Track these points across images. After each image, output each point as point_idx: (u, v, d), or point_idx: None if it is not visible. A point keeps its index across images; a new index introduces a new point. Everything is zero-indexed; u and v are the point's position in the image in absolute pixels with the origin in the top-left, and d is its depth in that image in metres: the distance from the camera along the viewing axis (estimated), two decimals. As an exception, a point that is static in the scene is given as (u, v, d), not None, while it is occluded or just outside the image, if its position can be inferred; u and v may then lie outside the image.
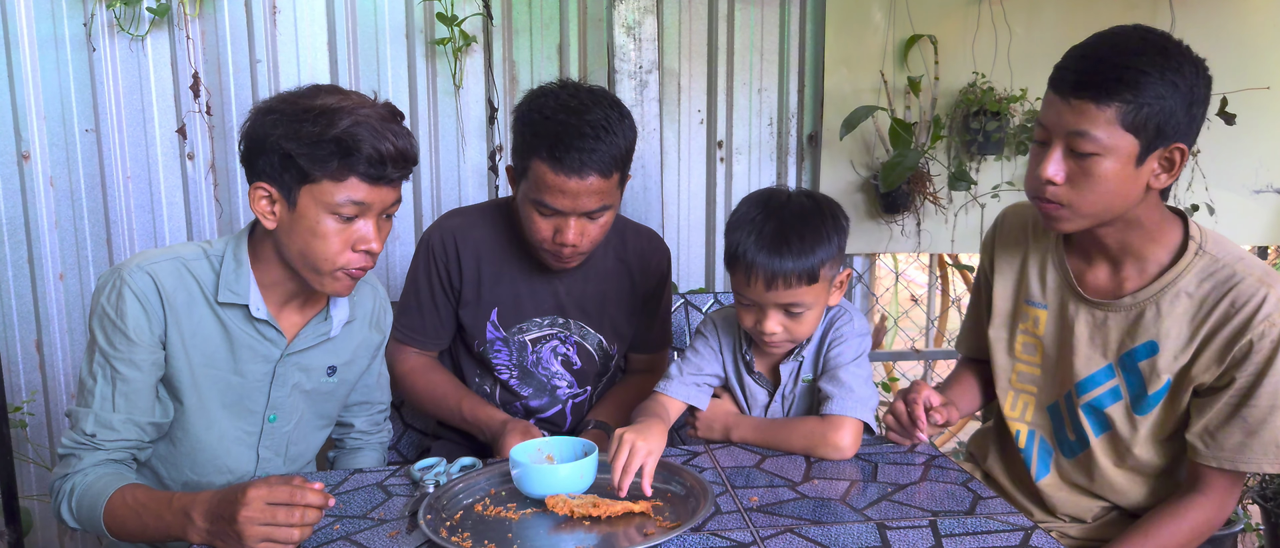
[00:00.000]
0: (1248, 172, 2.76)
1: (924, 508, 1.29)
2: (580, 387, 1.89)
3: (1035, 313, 1.55)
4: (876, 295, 2.98)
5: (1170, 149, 1.31)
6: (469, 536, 1.21)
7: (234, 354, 1.49)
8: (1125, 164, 1.30)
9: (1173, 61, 1.27)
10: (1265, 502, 2.57)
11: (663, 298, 1.95)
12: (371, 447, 1.76)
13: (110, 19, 2.35)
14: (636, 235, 1.91)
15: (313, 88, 1.41)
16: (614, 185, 1.64)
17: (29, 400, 2.47)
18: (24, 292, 2.44)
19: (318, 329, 1.55)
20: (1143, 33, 1.31)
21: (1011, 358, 1.61)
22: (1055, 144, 1.34)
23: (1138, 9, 2.64)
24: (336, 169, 1.35)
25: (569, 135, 1.55)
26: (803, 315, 1.49)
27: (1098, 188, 1.32)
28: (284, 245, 1.43)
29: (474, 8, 2.48)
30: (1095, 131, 1.29)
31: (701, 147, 2.71)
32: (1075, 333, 1.49)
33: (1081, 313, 1.49)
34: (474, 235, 1.79)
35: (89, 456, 1.41)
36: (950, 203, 2.75)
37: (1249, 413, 1.35)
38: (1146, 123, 1.27)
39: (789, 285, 1.44)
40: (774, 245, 1.43)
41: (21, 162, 2.38)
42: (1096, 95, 1.27)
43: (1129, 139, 1.29)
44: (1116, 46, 1.29)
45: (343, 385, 1.64)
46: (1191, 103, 1.29)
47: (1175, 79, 1.26)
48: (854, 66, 2.66)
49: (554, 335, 1.83)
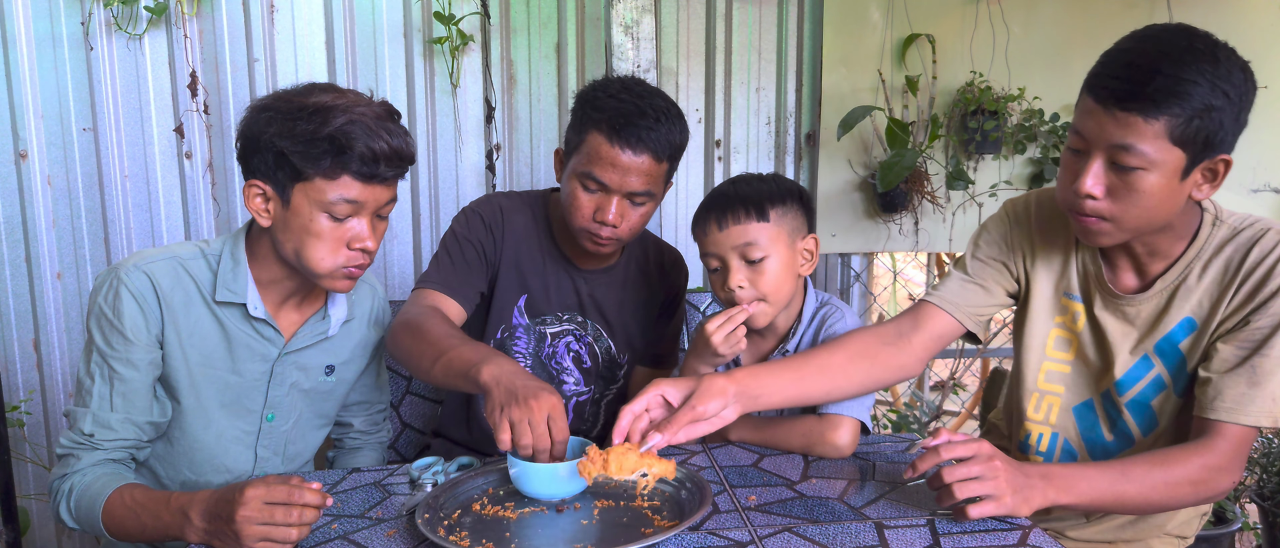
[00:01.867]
0: (1245, 171, 2.76)
1: (922, 507, 1.29)
2: (586, 385, 1.90)
3: (1074, 308, 1.49)
4: (874, 295, 2.98)
5: (1215, 161, 1.25)
6: (467, 535, 1.21)
7: (232, 353, 1.49)
8: (1171, 178, 1.23)
9: (1223, 68, 1.19)
10: (1263, 501, 2.57)
11: (675, 315, 1.96)
12: (371, 446, 1.76)
13: (108, 18, 2.34)
14: (659, 250, 1.94)
15: (308, 86, 1.41)
16: (661, 175, 1.66)
17: (26, 400, 2.47)
18: (21, 291, 2.44)
19: (316, 328, 1.55)
20: (1190, 36, 1.22)
21: (1042, 356, 1.54)
22: (1095, 156, 1.26)
23: (1136, 8, 2.64)
24: (330, 167, 1.35)
25: (630, 112, 1.59)
26: (763, 265, 1.52)
27: (1141, 202, 1.25)
28: (280, 243, 1.43)
29: (471, 7, 2.48)
30: (1142, 146, 1.21)
31: (700, 146, 2.71)
32: (1108, 331, 1.45)
33: (1110, 310, 1.45)
34: (517, 219, 1.81)
35: (87, 455, 1.41)
36: (948, 202, 2.75)
37: (1258, 362, 1.30)
38: (1196, 136, 1.20)
39: (737, 221, 1.52)
40: (724, 190, 1.58)
41: (19, 161, 2.38)
42: (1144, 108, 1.19)
43: (1176, 153, 1.21)
44: (1164, 52, 1.19)
45: (341, 385, 1.64)
46: (1240, 110, 1.22)
47: (1226, 88, 1.18)
48: (852, 66, 2.66)
49: (571, 332, 1.84)
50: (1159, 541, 1.54)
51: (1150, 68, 1.19)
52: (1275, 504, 2.55)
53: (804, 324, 1.59)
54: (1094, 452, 1.51)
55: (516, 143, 2.62)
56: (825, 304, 1.62)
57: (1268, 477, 2.59)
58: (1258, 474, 2.63)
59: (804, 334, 1.59)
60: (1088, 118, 1.25)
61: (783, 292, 1.55)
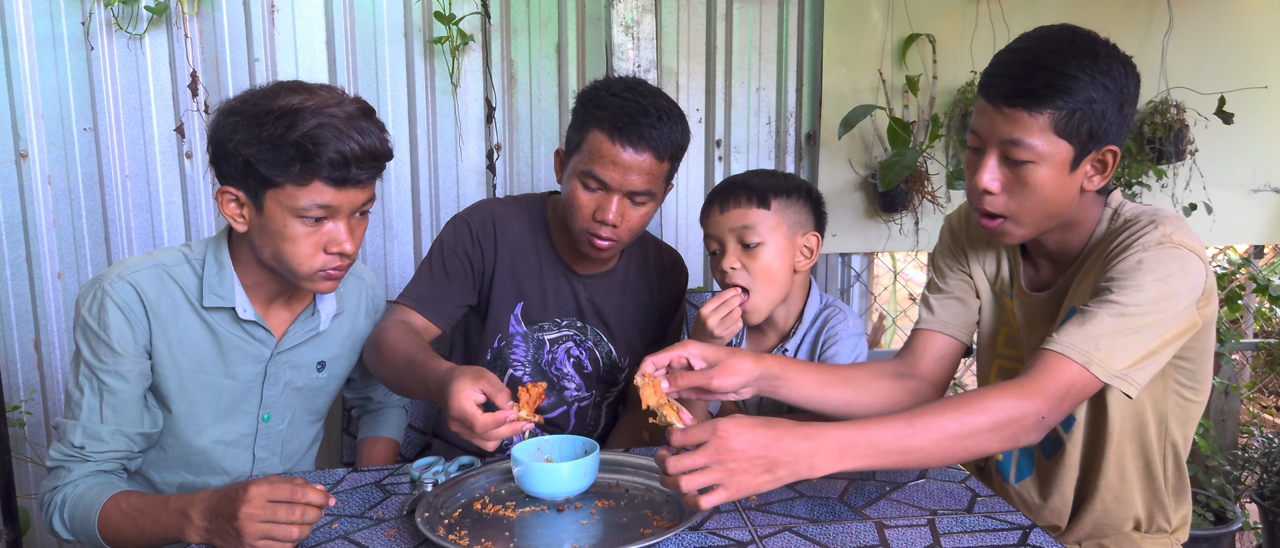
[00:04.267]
0: (1245, 171, 2.76)
1: (922, 507, 1.29)
2: (587, 391, 1.89)
3: (1010, 305, 1.56)
4: (875, 294, 2.98)
5: (1103, 152, 1.31)
6: (466, 534, 1.21)
7: (224, 358, 1.48)
8: (1060, 170, 1.30)
9: (1102, 63, 1.26)
10: (1263, 501, 2.58)
11: (675, 317, 1.96)
12: (391, 406, 1.82)
13: (108, 18, 2.34)
14: (659, 252, 1.94)
15: (276, 86, 1.36)
16: (662, 175, 1.66)
17: (27, 400, 2.47)
18: (22, 291, 2.44)
19: (306, 325, 1.55)
20: (1071, 34, 1.30)
21: (993, 354, 1.60)
22: (989, 152, 1.33)
23: (1136, 8, 2.64)
24: (299, 173, 1.30)
25: (632, 110, 1.60)
26: (757, 250, 1.56)
27: (1034, 195, 1.32)
28: (257, 247, 1.41)
29: (472, 6, 2.48)
30: (1029, 139, 1.28)
31: (700, 145, 2.71)
32: (1029, 329, 1.50)
33: (1025, 307, 1.50)
34: (512, 226, 1.80)
35: (78, 468, 1.40)
36: (948, 201, 2.75)
37: (1091, 309, 1.27)
38: (1079, 128, 1.27)
39: (738, 205, 1.58)
40: (734, 179, 1.64)
41: (20, 161, 2.38)
42: (1029, 103, 1.26)
43: (1063, 146, 1.28)
44: (1046, 51, 1.28)
45: (333, 380, 1.64)
46: (1122, 103, 1.28)
47: (1106, 82, 1.25)
48: (852, 65, 2.66)
49: (571, 337, 1.84)
50: (1152, 540, 1.54)
51: (1033, 64, 1.27)
52: (1275, 504, 2.55)
53: (805, 324, 1.59)
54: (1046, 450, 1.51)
55: (517, 143, 2.62)
56: (828, 306, 1.62)
57: (1268, 477, 2.59)
58: (1258, 474, 2.63)
59: (806, 334, 1.59)
60: (981, 116, 1.33)
61: (775, 283, 1.56)
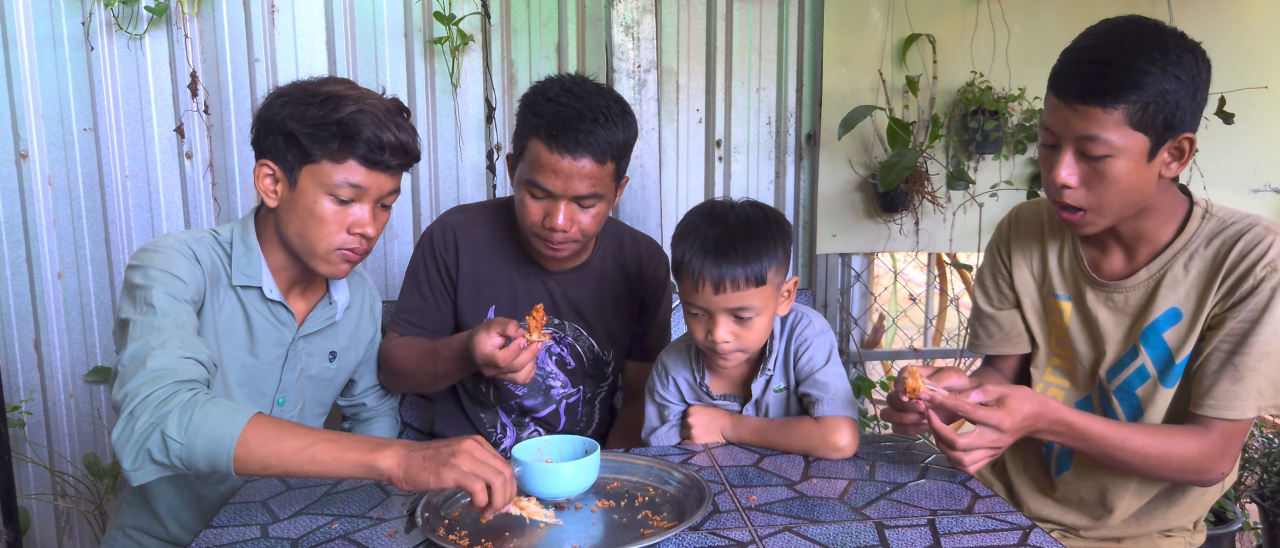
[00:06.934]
0: (1246, 171, 2.76)
1: (922, 507, 1.29)
2: (573, 386, 1.89)
3: (1060, 306, 1.55)
4: (875, 295, 2.98)
5: (1179, 139, 1.31)
6: (466, 534, 1.21)
7: (252, 336, 1.53)
8: (1137, 161, 1.30)
9: (1172, 54, 1.26)
10: (1263, 501, 2.57)
11: (661, 305, 1.95)
12: (383, 413, 1.84)
13: (108, 18, 2.34)
14: (634, 242, 1.92)
15: (327, 78, 1.48)
16: (608, 176, 1.64)
17: (27, 400, 2.47)
18: (22, 291, 2.44)
19: (324, 313, 1.61)
20: (1139, 26, 1.30)
21: (1048, 350, 1.61)
22: (1065, 148, 1.34)
23: (1137, 8, 2.63)
24: (336, 151, 1.41)
25: (568, 116, 1.58)
26: (752, 322, 1.49)
27: (1113, 187, 1.32)
28: (283, 224, 1.48)
29: (472, 6, 2.48)
30: (1105, 134, 1.28)
31: (700, 146, 2.71)
32: (1099, 321, 1.49)
33: (1100, 299, 1.49)
34: (473, 232, 1.81)
35: (169, 387, 1.21)
36: (948, 202, 2.75)
37: (1239, 360, 1.34)
38: (1155, 119, 1.27)
39: (737, 288, 1.45)
40: (721, 249, 1.45)
41: (20, 161, 2.38)
42: (1102, 100, 1.27)
43: (1139, 137, 1.28)
44: (1115, 46, 1.28)
45: (341, 373, 1.69)
46: (1196, 91, 1.28)
47: (1177, 73, 1.25)
48: (852, 66, 2.66)
49: (549, 336, 1.84)
50: (1168, 540, 1.55)
51: (1104, 61, 1.27)
52: (1275, 504, 2.55)
53: (778, 338, 1.58)
54: None
55: (517, 143, 2.62)
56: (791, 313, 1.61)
57: (1268, 477, 2.59)
58: (1258, 474, 2.63)
59: (779, 351, 1.58)
60: (1053, 114, 1.35)
61: (764, 335, 1.54)
